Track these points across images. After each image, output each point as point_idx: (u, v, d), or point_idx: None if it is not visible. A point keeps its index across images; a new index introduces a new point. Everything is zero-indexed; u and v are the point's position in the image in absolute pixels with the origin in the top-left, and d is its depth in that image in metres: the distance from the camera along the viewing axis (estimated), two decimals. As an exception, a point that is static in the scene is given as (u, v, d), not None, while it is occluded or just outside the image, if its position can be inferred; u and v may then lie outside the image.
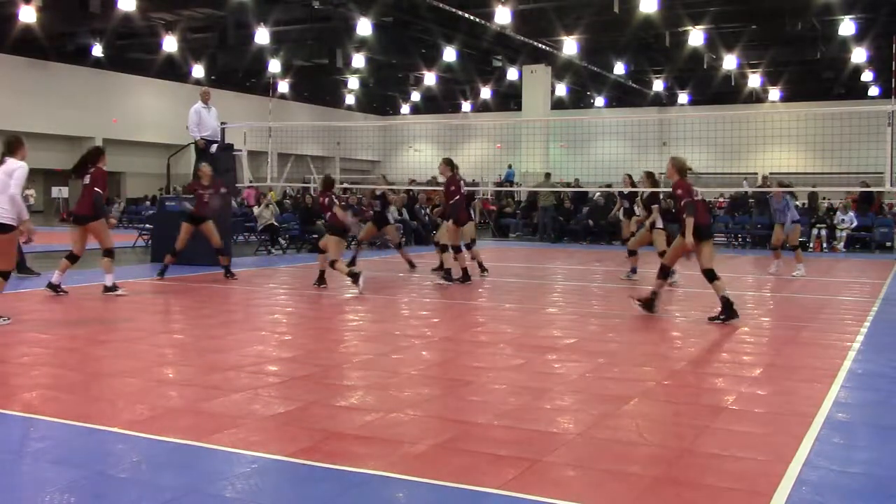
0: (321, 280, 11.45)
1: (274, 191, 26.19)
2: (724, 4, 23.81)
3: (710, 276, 8.71)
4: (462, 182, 12.40)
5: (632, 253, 13.03)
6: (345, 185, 21.34)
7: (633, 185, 13.74)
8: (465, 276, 12.09)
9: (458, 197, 11.96)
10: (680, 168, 8.98)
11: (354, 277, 10.58)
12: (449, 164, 12.26)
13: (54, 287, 10.20)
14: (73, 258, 10.32)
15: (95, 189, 10.10)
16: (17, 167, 7.78)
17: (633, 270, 13.09)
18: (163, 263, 12.26)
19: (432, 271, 13.12)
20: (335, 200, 11.22)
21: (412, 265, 14.04)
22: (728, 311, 8.69)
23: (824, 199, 25.53)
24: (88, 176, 10.21)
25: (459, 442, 4.53)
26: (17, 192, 7.76)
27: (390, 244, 15.28)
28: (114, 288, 10.27)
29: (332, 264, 10.92)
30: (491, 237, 25.39)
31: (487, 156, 36.01)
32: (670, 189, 9.37)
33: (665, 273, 9.30)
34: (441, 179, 13.32)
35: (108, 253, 10.30)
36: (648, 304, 9.13)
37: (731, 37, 27.06)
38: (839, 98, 33.61)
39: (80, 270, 11.35)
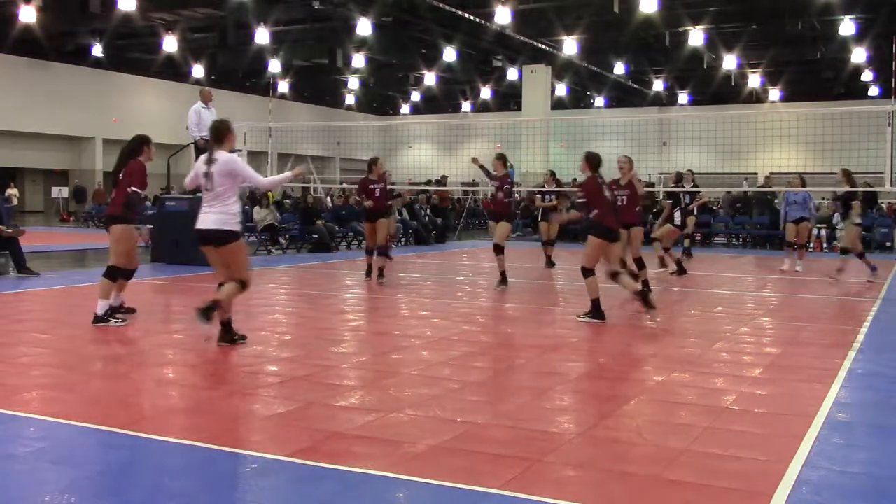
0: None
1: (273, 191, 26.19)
2: (724, 4, 23.82)
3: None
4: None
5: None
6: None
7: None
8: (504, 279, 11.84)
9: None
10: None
11: (645, 300, 8.64)
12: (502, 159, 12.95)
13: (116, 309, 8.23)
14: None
15: (130, 188, 8.26)
16: (232, 158, 6.74)
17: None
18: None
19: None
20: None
21: None
22: (595, 312, 8.76)
23: (823, 199, 25.53)
24: (124, 170, 8.41)
25: (459, 442, 4.52)
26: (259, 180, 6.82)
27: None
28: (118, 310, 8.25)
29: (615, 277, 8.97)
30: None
31: (487, 156, 35.98)
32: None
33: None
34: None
35: (111, 273, 8.09)
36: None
37: (731, 37, 27.08)
38: (839, 98, 33.62)
39: (80, 270, 11.33)
